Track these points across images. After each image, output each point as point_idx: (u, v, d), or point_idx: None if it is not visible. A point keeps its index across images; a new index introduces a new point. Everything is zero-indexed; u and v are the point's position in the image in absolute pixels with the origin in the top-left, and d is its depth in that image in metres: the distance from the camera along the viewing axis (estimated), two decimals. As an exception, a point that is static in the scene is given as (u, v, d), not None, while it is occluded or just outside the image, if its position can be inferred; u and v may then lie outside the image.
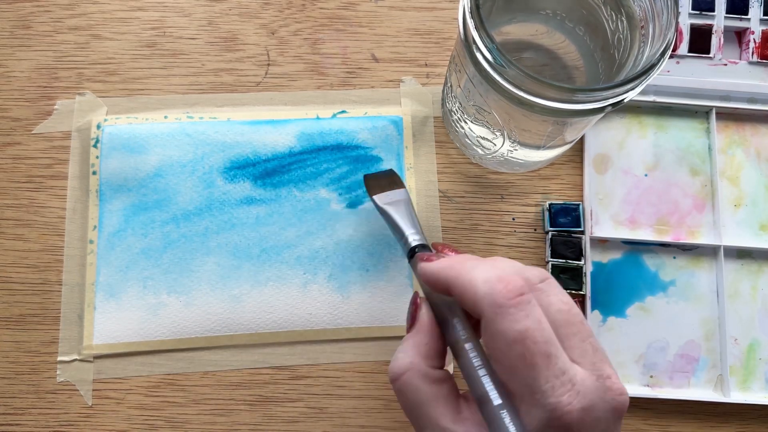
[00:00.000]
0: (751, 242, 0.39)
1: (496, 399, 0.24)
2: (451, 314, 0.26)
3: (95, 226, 0.37)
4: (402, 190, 0.35)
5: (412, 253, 0.31)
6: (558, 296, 0.24)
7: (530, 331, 0.23)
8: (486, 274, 0.24)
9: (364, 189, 0.38)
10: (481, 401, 0.24)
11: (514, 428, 0.23)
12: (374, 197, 0.34)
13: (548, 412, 0.22)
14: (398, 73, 0.40)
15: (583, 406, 0.22)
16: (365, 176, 0.37)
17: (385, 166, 0.39)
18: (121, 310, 0.36)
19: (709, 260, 0.39)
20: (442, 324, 0.27)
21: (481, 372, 0.24)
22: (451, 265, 0.26)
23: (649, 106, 0.40)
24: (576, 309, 0.25)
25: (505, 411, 0.23)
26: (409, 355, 0.26)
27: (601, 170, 0.39)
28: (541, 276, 0.25)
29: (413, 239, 0.31)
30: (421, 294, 0.29)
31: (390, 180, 0.36)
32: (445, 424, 0.25)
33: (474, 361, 0.25)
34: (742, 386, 0.37)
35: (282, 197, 0.38)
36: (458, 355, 0.26)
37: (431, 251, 0.30)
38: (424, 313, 0.27)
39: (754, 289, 0.38)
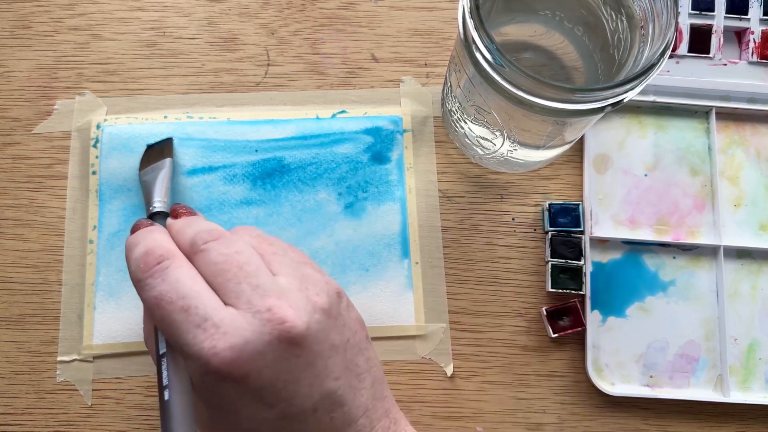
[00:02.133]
0: (751, 242, 0.39)
1: (161, 349, 0.25)
2: None
3: (95, 226, 0.37)
4: (166, 160, 0.36)
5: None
6: (218, 250, 0.26)
7: (164, 294, 0.24)
8: (137, 252, 0.26)
9: (364, 189, 0.38)
10: (158, 361, 0.25)
11: (165, 374, 0.24)
12: (140, 173, 0.36)
13: (197, 360, 0.23)
14: (398, 73, 0.40)
15: (231, 345, 0.23)
16: (147, 146, 0.38)
17: (385, 165, 0.39)
18: (121, 310, 0.37)
19: (709, 260, 0.39)
20: None
21: (159, 332, 0.26)
22: (126, 244, 0.28)
23: (649, 106, 0.40)
24: (239, 257, 0.25)
25: (164, 360, 0.25)
26: (145, 323, 0.29)
27: (601, 170, 0.39)
28: (210, 237, 0.26)
29: (153, 208, 0.33)
30: None
31: (160, 151, 0.37)
32: None
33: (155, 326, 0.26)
34: (742, 386, 0.37)
35: (281, 198, 0.38)
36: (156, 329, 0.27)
37: (164, 217, 0.32)
38: None
39: (754, 289, 0.38)
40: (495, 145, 0.35)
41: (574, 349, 0.37)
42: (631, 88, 0.26)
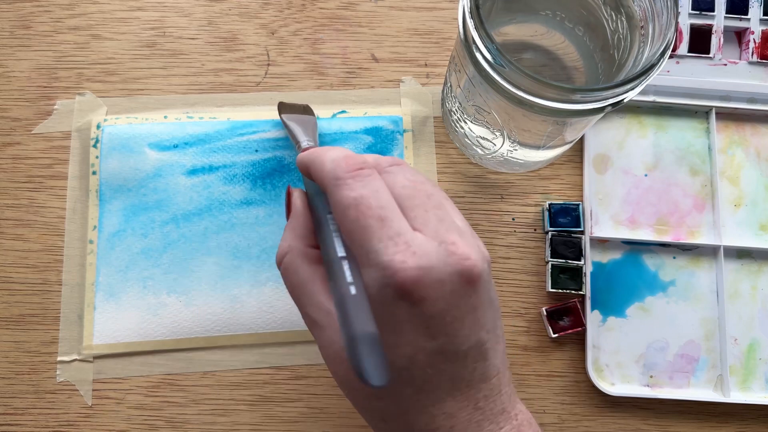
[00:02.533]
0: (751, 242, 0.39)
1: (340, 252, 0.25)
2: (317, 194, 0.28)
3: (95, 226, 0.37)
4: (312, 117, 0.37)
5: None
6: (405, 175, 0.26)
7: (364, 198, 0.24)
8: (334, 154, 0.26)
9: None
10: (328, 262, 0.25)
11: (349, 273, 0.24)
12: (282, 115, 0.36)
13: (382, 270, 0.23)
14: (398, 73, 0.40)
15: (419, 265, 0.23)
16: (280, 102, 0.38)
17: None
18: (121, 310, 0.37)
19: (709, 260, 0.39)
20: (312, 206, 0.29)
21: (334, 236, 0.25)
22: (312, 151, 0.27)
23: (649, 106, 0.40)
24: (425, 186, 0.25)
25: (345, 261, 0.24)
26: (287, 239, 0.28)
27: (601, 170, 0.39)
28: (393, 162, 0.26)
29: (305, 144, 0.33)
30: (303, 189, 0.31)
31: (303, 109, 0.37)
32: (320, 299, 0.26)
33: (330, 226, 0.26)
34: (742, 386, 0.37)
35: (281, 198, 0.38)
36: (319, 229, 0.27)
37: None
38: (296, 198, 0.29)
39: (754, 289, 0.38)
40: (495, 145, 0.35)
41: (574, 349, 0.37)
42: (631, 88, 0.26)
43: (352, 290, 0.23)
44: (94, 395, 0.36)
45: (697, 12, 0.40)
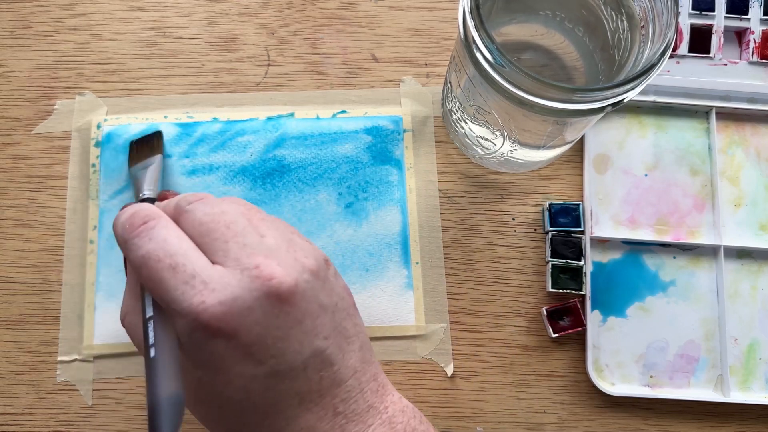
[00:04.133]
0: (751, 242, 0.39)
1: (148, 312, 0.25)
2: None
3: (95, 226, 0.37)
4: (156, 156, 0.36)
5: None
6: (204, 210, 0.26)
7: (151, 252, 0.24)
8: (123, 217, 0.26)
9: (364, 189, 0.38)
10: (145, 323, 0.25)
11: (152, 334, 0.24)
12: (131, 169, 0.37)
13: (185, 316, 0.23)
14: (398, 73, 0.40)
15: (221, 301, 0.23)
16: (131, 143, 0.37)
17: (385, 165, 0.39)
18: (121, 310, 0.36)
19: (709, 260, 0.39)
20: None
21: (146, 295, 0.26)
22: (117, 216, 0.27)
23: (649, 106, 0.40)
24: (224, 216, 0.26)
25: (150, 322, 0.25)
26: (126, 299, 0.28)
27: (601, 170, 0.39)
28: (196, 198, 0.27)
29: (142, 195, 0.34)
30: None
31: (150, 147, 0.37)
32: None
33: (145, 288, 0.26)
34: (742, 386, 0.37)
35: (281, 198, 0.38)
36: (143, 291, 0.27)
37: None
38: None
39: (754, 289, 0.38)
40: (495, 145, 0.35)
41: (574, 349, 0.38)
42: (632, 88, 0.26)
43: (152, 353, 0.24)
44: (94, 395, 0.36)
45: (697, 12, 0.40)
